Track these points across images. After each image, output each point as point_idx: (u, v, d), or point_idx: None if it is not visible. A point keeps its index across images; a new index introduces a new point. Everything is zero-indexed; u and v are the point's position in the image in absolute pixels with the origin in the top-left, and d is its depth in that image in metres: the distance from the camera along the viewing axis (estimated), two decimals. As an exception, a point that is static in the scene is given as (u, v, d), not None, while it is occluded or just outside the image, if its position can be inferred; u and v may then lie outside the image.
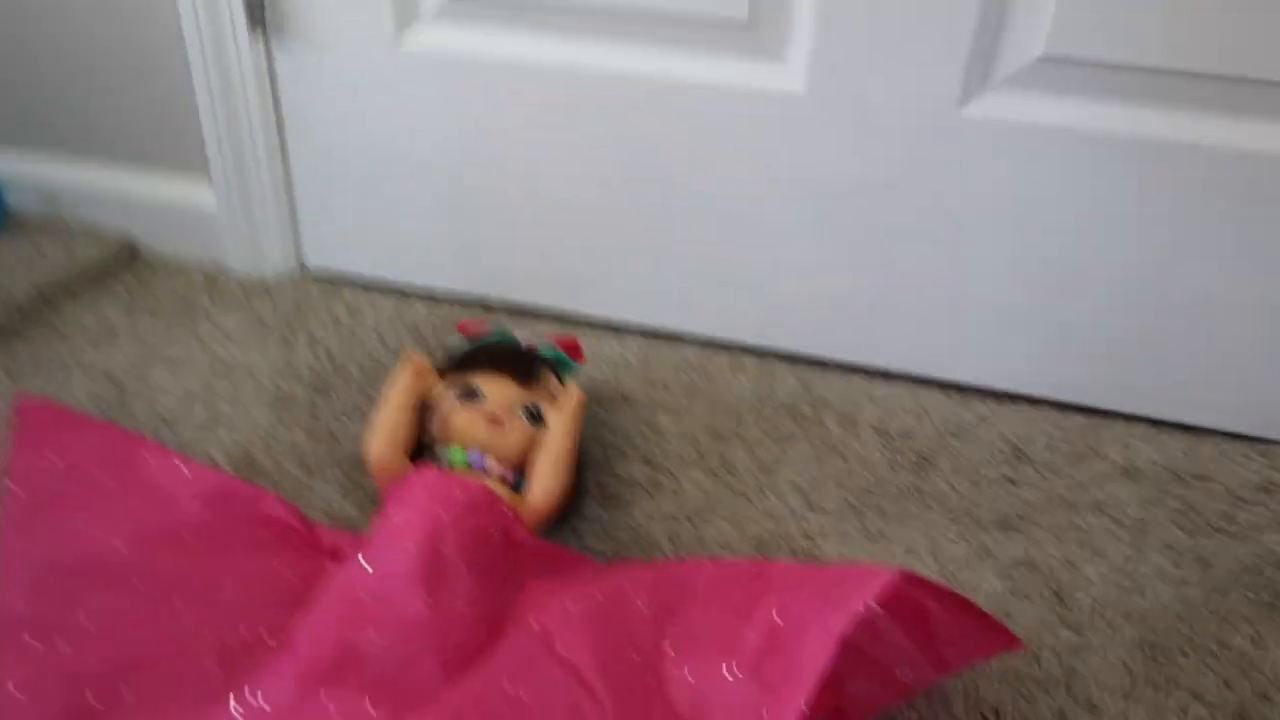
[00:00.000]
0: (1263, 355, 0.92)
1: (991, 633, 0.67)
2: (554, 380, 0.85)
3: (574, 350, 0.91)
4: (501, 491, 0.75)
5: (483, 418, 0.78)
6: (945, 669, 0.68)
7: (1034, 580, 0.80)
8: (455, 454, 0.76)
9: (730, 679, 0.63)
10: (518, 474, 0.78)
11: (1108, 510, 0.87)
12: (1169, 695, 0.71)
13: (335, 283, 1.13)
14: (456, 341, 0.90)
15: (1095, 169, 0.88)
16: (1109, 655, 0.74)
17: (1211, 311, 0.92)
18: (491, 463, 0.76)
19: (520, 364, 0.83)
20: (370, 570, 0.65)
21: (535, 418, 0.80)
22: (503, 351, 0.83)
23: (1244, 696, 0.71)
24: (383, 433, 0.76)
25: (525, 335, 0.91)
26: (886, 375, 1.03)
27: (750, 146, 0.95)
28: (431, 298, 1.11)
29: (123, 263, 1.14)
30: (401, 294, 1.12)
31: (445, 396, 0.81)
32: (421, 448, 0.80)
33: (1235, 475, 0.91)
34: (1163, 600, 0.79)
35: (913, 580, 0.62)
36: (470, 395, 0.80)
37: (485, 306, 1.10)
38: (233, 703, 0.57)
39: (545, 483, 0.76)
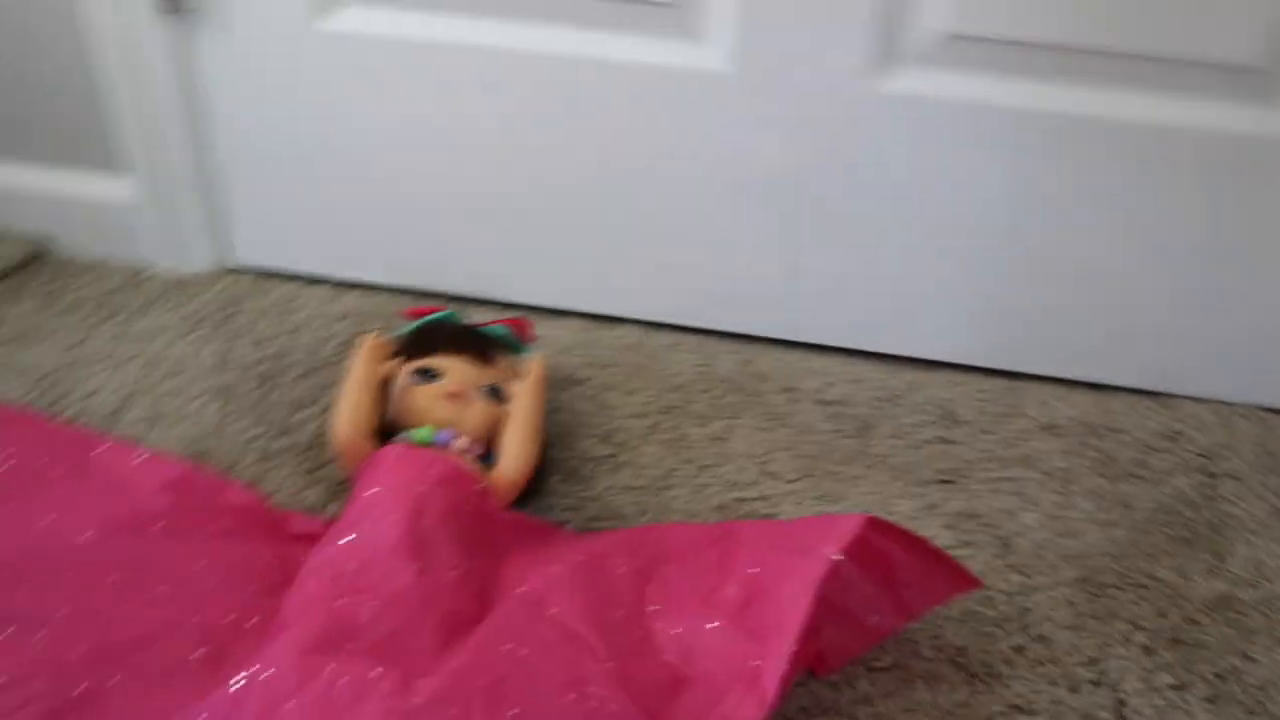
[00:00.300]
0: (1165, 318, 0.99)
1: (949, 573, 0.71)
2: (509, 358, 0.85)
3: (523, 330, 0.91)
4: (472, 467, 0.75)
5: (444, 395, 0.78)
6: (908, 613, 0.72)
7: (978, 530, 0.85)
8: (421, 433, 0.76)
9: (715, 629, 0.66)
10: (484, 451, 0.78)
11: (1035, 463, 0.93)
12: (1111, 625, 0.76)
13: (264, 276, 1.10)
14: (407, 327, 0.90)
15: (1007, 144, 0.93)
16: (1054, 593, 0.79)
17: (1117, 280, 0.99)
18: (460, 440, 0.76)
19: (476, 343, 0.83)
20: (354, 545, 0.65)
21: (495, 395, 0.81)
22: (457, 331, 0.84)
23: (1176, 622, 0.77)
24: (347, 414, 0.76)
25: (473, 319, 0.92)
26: (821, 348, 1.07)
27: (677, 127, 0.97)
28: (365, 288, 1.10)
29: (41, 264, 1.09)
30: (334, 285, 1.10)
31: (404, 379, 0.81)
32: (386, 435, 0.80)
33: (1143, 426, 0.98)
34: (1094, 541, 0.84)
35: (877, 524, 0.66)
36: (429, 375, 0.80)
37: (421, 297, 1.10)
38: (231, 682, 0.56)
39: (516, 453, 0.76)
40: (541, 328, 1.06)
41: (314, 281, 1.11)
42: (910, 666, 0.71)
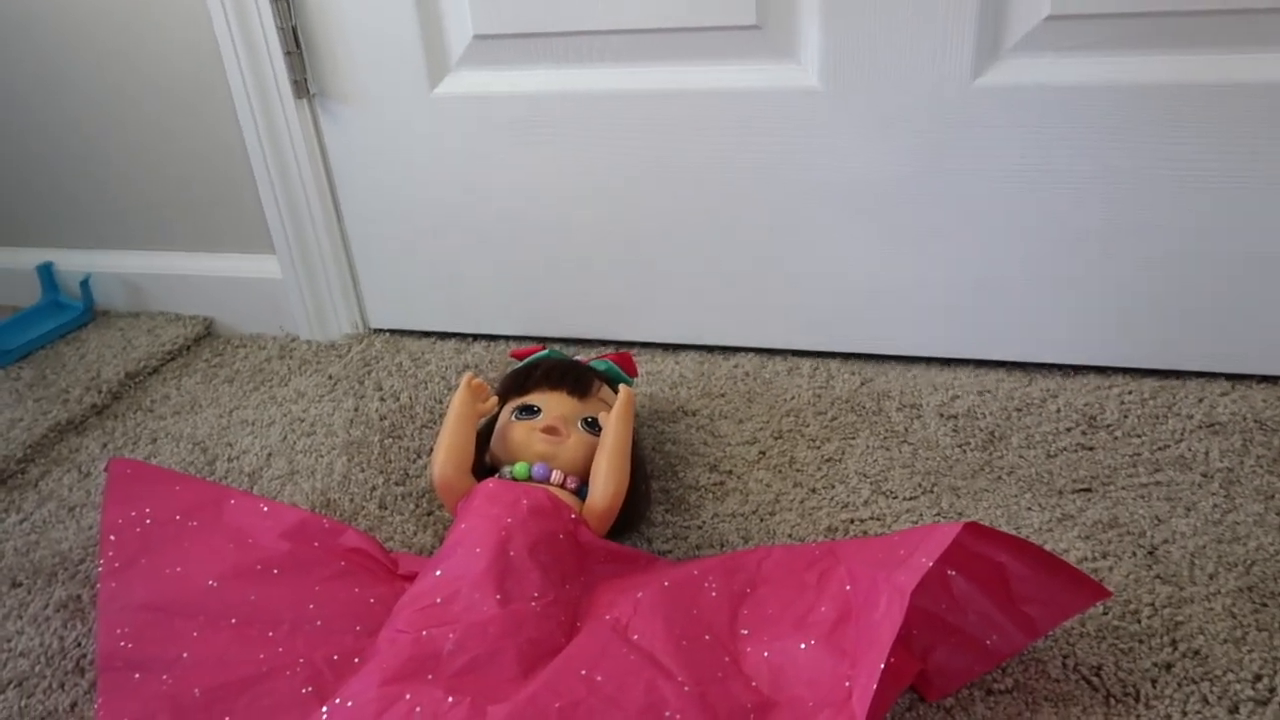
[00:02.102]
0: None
1: (1073, 583, 0.65)
2: (609, 392, 0.86)
3: (627, 364, 0.92)
4: (566, 498, 0.76)
5: (540, 430, 0.79)
6: (1033, 631, 0.66)
7: (1121, 539, 0.77)
8: (518, 469, 0.78)
9: (807, 650, 0.63)
10: (582, 483, 0.79)
11: (1192, 465, 0.84)
12: None
13: (399, 335, 1.17)
14: (512, 367, 0.93)
15: (1117, 122, 0.87)
16: (1212, 604, 0.70)
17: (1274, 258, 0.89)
18: (555, 473, 0.77)
19: (574, 378, 0.84)
20: (442, 579, 0.66)
21: (594, 428, 0.81)
22: (554, 368, 0.85)
23: (1360, 630, 0.67)
24: (444, 450, 0.78)
25: (580, 357, 0.94)
26: (946, 361, 1.02)
27: (777, 149, 0.96)
28: (490, 339, 1.14)
29: (202, 341, 1.20)
30: (462, 339, 1.15)
31: (505, 416, 0.83)
32: (489, 474, 0.82)
33: (1327, 418, 0.87)
34: (1265, 545, 0.75)
35: (979, 531, 0.61)
36: (528, 411, 0.82)
37: (543, 342, 1.13)
38: (323, 711, 0.59)
39: (603, 482, 0.76)
40: (660, 362, 1.07)
41: (445, 336, 1.16)
42: (1035, 688, 0.65)
